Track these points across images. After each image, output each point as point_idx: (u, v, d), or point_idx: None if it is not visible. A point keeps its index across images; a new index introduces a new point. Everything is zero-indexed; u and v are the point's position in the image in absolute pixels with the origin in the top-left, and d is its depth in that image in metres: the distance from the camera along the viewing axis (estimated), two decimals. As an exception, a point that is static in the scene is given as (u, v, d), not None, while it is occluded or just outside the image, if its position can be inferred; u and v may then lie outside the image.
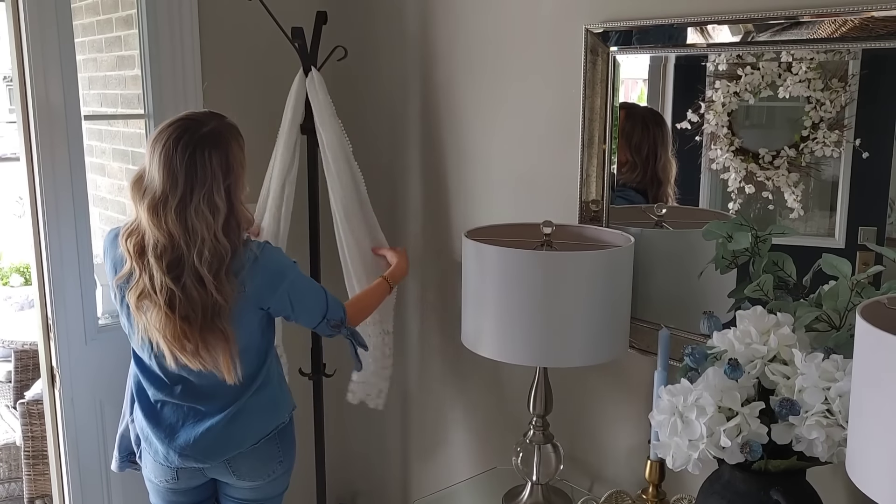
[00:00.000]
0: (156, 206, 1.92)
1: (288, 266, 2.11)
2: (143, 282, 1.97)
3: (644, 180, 2.13)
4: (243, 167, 2.02)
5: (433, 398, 2.83)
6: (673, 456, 1.48)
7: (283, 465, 2.23)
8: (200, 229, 1.91)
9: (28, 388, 4.16)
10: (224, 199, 1.94)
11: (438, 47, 2.57)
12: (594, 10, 2.07)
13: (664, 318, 2.02)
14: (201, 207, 1.91)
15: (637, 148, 2.11)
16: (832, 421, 1.37)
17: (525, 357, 1.93)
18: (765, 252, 1.68)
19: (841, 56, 1.69)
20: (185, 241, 1.92)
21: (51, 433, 2.73)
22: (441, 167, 2.63)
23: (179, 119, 1.98)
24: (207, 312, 1.95)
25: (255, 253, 2.02)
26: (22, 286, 6.22)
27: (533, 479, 2.12)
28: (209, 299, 1.94)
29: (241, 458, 2.16)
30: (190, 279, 1.93)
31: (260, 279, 2.03)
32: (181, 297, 1.94)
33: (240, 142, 2.02)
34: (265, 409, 2.16)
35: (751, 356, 1.50)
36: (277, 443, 2.20)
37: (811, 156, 1.76)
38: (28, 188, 2.52)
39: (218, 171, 1.93)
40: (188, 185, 1.91)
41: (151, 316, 1.98)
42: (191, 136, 1.92)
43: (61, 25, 2.45)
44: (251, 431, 2.14)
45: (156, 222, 1.92)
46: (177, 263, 1.94)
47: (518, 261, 1.87)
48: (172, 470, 2.18)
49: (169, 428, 2.14)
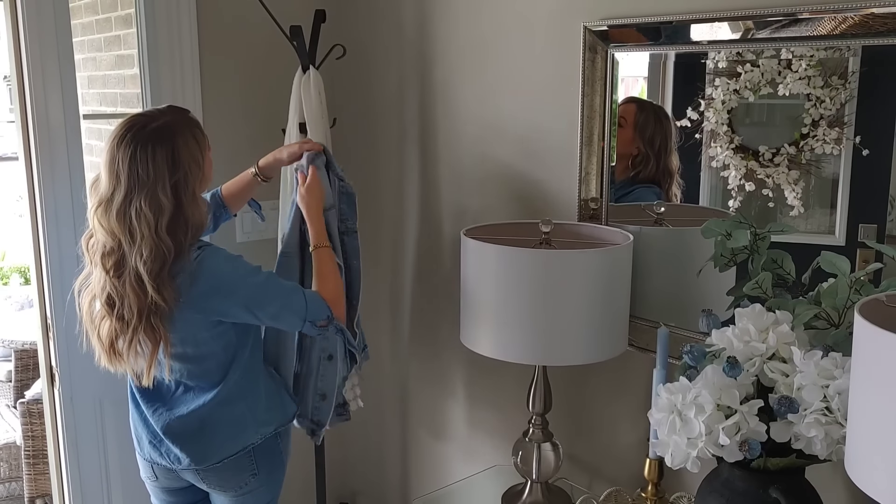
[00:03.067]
0: (100, 205, 1.88)
1: (227, 278, 1.97)
2: (93, 281, 1.96)
3: (657, 174, 2.12)
4: (198, 162, 1.92)
5: (432, 397, 2.82)
6: (672, 454, 1.48)
7: (257, 479, 2.14)
8: (141, 228, 1.84)
9: (28, 387, 4.17)
10: (170, 197, 1.86)
11: (437, 45, 2.57)
12: (593, 8, 2.07)
13: (663, 317, 2.02)
14: (143, 207, 1.84)
15: (651, 141, 2.11)
16: (831, 419, 1.36)
17: (524, 355, 1.93)
18: (764, 250, 1.68)
19: (841, 53, 1.69)
20: (128, 241, 1.86)
21: (50, 433, 2.73)
22: (439, 165, 2.63)
23: (131, 117, 1.92)
24: (144, 312, 1.89)
25: (193, 261, 1.92)
26: (22, 286, 6.22)
27: (532, 477, 2.12)
28: (147, 300, 1.87)
29: (209, 470, 2.10)
30: (130, 280, 1.88)
31: (197, 288, 1.93)
32: (120, 297, 1.90)
33: (195, 135, 1.94)
34: (229, 428, 2.09)
35: (749, 354, 1.50)
36: (251, 456, 2.11)
37: (811, 153, 1.76)
38: (27, 188, 2.52)
39: (163, 168, 1.85)
40: (130, 184, 1.84)
41: (97, 315, 1.97)
42: (135, 134, 1.86)
43: (59, 25, 2.45)
44: (213, 450, 2.08)
45: (101, 222, 1.88)
46: (120, 264, 1.89)
47: (517, 259, 1.87)
48: (150, 466, 2.17)
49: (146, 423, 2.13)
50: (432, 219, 2.70)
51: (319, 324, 2.05)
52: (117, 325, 1.92)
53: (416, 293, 2.80)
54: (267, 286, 2.02)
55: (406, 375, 2.92)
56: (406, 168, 2.76)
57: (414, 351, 2.88)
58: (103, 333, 1.95)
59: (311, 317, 2.03)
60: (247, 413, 2.10)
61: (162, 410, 2.10)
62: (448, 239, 2.64)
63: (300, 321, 2.03)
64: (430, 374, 2.82)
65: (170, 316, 1.92)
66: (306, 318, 2.02)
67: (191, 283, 1.91)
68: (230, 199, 2.35)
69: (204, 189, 2.00)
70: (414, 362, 2.88)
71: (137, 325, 1.90)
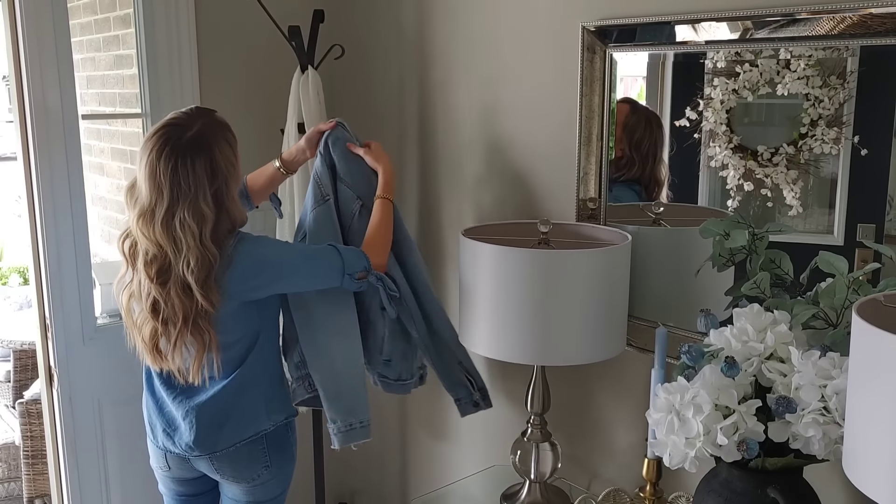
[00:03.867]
0: (144, 216, 1.92)
1: (262, 252, 2.02)
2: (134, 283, 2.01)
3: (641, 179, 2.12)
4: (234, 164, 1.99)
5: (431, 396, 2.82)
6: (670, 454, 1.48)
7: (270, 471, 2.16)
8: (186, 239, 1.90)
9: (27, 387, 4.17)
10: (212, 205, 1.92)
11: (435, 45, 2.57)
12: (591, 8, 2.07)
13: (661, 316, 2.02)
14: (187, 219, 1.89)
15: (637, 144, 2.10)
16: (829, 419, 1.36)
17: (522, 355, 1.92)
18: (762, 250, 1.68)
19: (839, 53, 1.69)
20: (173, 250, 1.92)
21: (49, 433, 2.73)
22: (438, 165, 2.63)
23: (164, 126, 1.95)
24: (190, 317, 1.95)
25: (231, 249, 1.97)
26: (21, 286, 6.22)
27: (531, 477, 2.12)
28: (195, 306, 1.93)
29: (223, 458, 2.13)
30: (176, 287, 1.93)
31: (234, 273, 1.97)
32: (165, 303, 1.95)
33: (228, 139, 1.98)
34: (242, 413, 2.11)
35: (747, 354, 1.50)
36: (263, 447, 2.14)
37: (810, 153, 1.75)
38: (25, 188, 2.52)
39: (203, 179, 1.90)
40: (173, 197, 1.89)
41: (137, 318, 2.03)
42: (173, 146, 1.89)
43: (57, 24, 2.45)
44: (227, 434, 2.10)
45: (144, 232, 1.92)
46: (165, 271, 1.94)
47: (515, 259, 1.87)
48: (163, 453, 2.19)
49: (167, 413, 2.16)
50: (431, 219, 2.70)
51: (358, 276, 2.08)
52: (161, 328, 1.97)
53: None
54: (298, 253, 2.11)
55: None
56: (404, 168, 2.76)
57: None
58: (146, 335, 2.00)
59: (349, 269, 2.07)
60: (259, 399, 2.13)
61: (182, 398, 2.12)
62: (446, 239, 2.64)
63: (339, 276, 2.06)
64: (430, 374, 2.82)
65: (215, 317, 1.97)
66: (344, 272, 2.06)
67: (228, 269, 1.96)
68: (254, 191, 2.38)
69: (237, 187, 2.04)
70: (413, 362, 2.88)
71: (183, 329, 1.95)
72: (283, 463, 2.20)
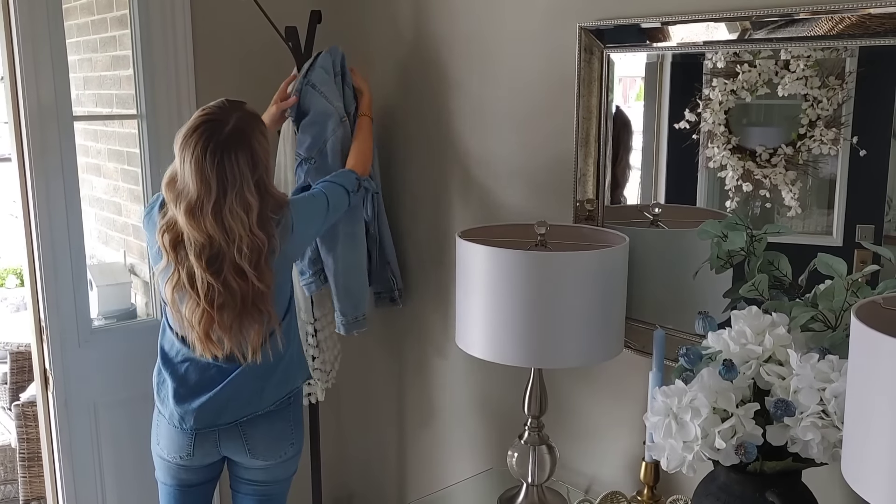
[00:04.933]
0: (192, 210, 2.00)
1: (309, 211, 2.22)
2: (177, 274, 2.06)
3: None
4: (269, 152, 2.11)
5: (429, 399, 2.81)
6: (667, 458, 1.47)
7: (294, 448, 2.28)
8: (237, 227, 2.00)
9: (23, 389, 4.16)
10: (255, 194, 2.02)
11: (432, 46, 2.56)
12: (588, 8, 2.06)
13: (659, 318, 2.01)
14: (235, 208, 1.99)
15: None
16: (828, 422, 1.35)
17: (519, 358, 1.91)
18: (760, 251, 1.66)
19: (838, 53, 1.68)
20: (224, 239, 2.01)
21: (44, 436, 2.71)
22: (435, 167, 2.62)
23: (202, 122, 2.02)
24: (248, 300, 2.04)
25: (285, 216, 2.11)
26: (18, 287, 6.21)
27: (528, 480, 2.10)
28: (251, 289, 2.03)
29: (257, 435, 2.19)
30: (230, 273, 2.02)
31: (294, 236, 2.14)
32: (221, 290, 2.03)
33: (262, 130, 2.10)
34: (283, 372, 2.22)
35: (746, 357, 1.49)
36: (291, 421, 2.26)
37: (808, 154, 1.75)
38: (20, 189, 2.51)
39: (246, 170, 2.01)
40: (221, 189, 1.99)
41: (186, 308, 2.07)
42: (217, 142, 1.99)
43: (52, 25, 2.44)
44: (266, 395, 2.20)
45: (194, 224, 2.00)
46: (216, 259, 2.03)
47: (512, 261, 1.86)
48: (189, 439, 2.19)
49: (190, 392, 2.18)
50: (427, 220, 2.69)
51: (354, 190, 2.35)
52: (217, 315, 2.04)
53: (413, 294, 2.79)
54: (319, 195, 2.28)
55: (403, 377, 2.91)
56: (401, 169, 2.75)
57: (411, 353, 2.86)
58: (198, 323, 2.06)
59: (350, 188, 2.33)
60: (295, 355, 2.27)
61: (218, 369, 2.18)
62: (443, 241, 2.63)
63: (346, 198, 2.32)
64: (427, 377, 2.81)
65: (272, 295, 2.08)
66: (348, 192, 2.32)
67: (289, 234, 2.13)
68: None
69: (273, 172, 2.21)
70: (411, 364, 2.87)
71: (242, 312, 2.05)
72: (301, 437, 2.32)
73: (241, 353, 2.11)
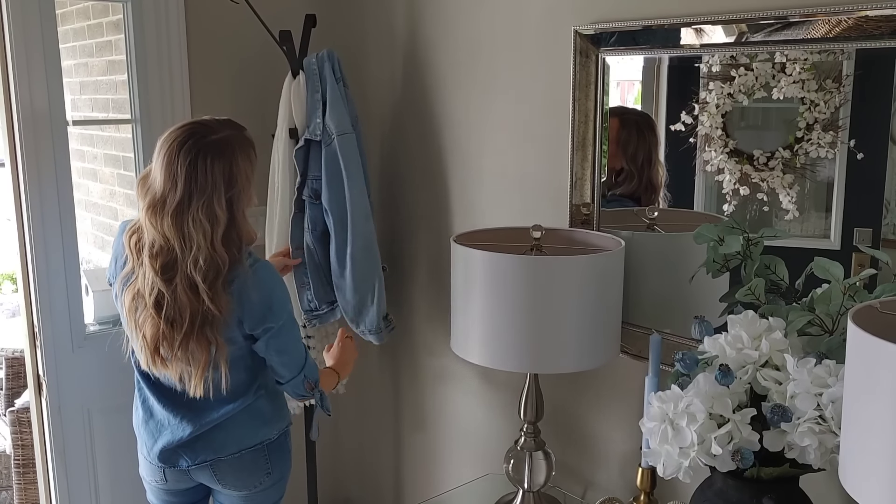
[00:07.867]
0: (154, 206, 1.90)
1: (278, 298, 2.01)
2: (138, 281, 1.96)
3: (639, 189, 2.11)
4: (249, 181, 1.98)
5: (425, 404, 2.80)
6: (664, 464, 1.46)
7: (271, 477, 2.16)
8: (197, 237, 1.88)
9: (18, 395, 4.13)
10: (225, 210, 1.90)
11: (428, 50, 2.55)
12: (584, 12, 2.05)
13: (656, 323, 1.99)
14: (199, 215, 1.88)
15: (633, 157, 2.10)
16: (825, 427, 1.34)
17: (515, 364, 1.90)
18: (756, 255, 1.66)
19: (835, 56, 1.67)
20: (180, 245, 1.90)
21: (38, 442, 2.70)
22: (431, 171, 2.61)
23: (191, 123, 1.96)
24: (196, 320, 1.91)
25: (249, 268, 1.95)
26: (13, 293, 6.20)
27: (524, 486, 2.09)
28: (201, 307, 1.91)
29: (225, 467, 2.11)
30: (182, 284, 1.90)
31: (252, 297, 1.96)
32: (169, 299, 1.91)
33: (249, 155, 1.98)
34: (250, 422, 2.11)
35: (742, 361, 1.48)
36: (265, 455, 2.14)
37: (806, 157, 1.74)
38: (13, 194, 2.50)
39: (219, 181, 1.90)
40: (187, 191, 1.88)
41: (140, 317, 1.97)
42: (195, 142, 1.89)
43: (45, 30, 2.43)
44: (232, 441, 2.09)
45: (153, 222, 1.90)
46: (171, 266, 1.92)
47: (507, 266, 1.84)
48: (160, 470, 2.15)
49: (157, 426, 2.12)
50: (423, 224, 2.68)
51: (309, 383, 2.11)
52: (165, 327, 1.93)
53: (409, 300, 2.78)
54: (294, 324, 2.08)
55: (399, 383, 2.90)
56: (397, 174, 2.74)
57: (407, 359, 2.85)
58: (148, 334, 1.96)
59: (307, 372, 2.10)
60: (267, 408, 2.13)
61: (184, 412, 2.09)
62: (440, 244, 2.61)
63: (298, 370, 2.08)
64: (424, 382, 2.80)
65: (222, 325, 1.94)
66: (303, 370, 2.09)
67: (246, 290, 1.95)
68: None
69: (249, 206, 2.01)
70: (407, 370, 2.86)
71: (189, 332, 1.92)
72: (283, 470, 2.20)
73: (185, 381, 2.00)
